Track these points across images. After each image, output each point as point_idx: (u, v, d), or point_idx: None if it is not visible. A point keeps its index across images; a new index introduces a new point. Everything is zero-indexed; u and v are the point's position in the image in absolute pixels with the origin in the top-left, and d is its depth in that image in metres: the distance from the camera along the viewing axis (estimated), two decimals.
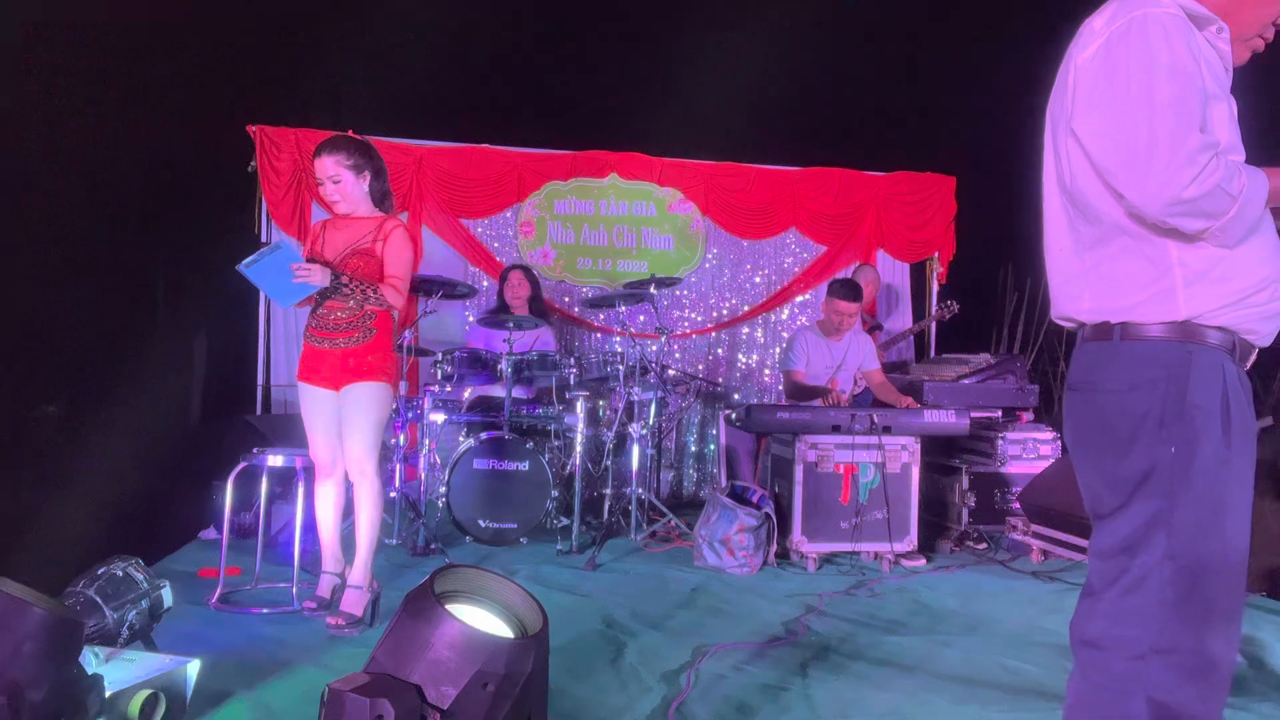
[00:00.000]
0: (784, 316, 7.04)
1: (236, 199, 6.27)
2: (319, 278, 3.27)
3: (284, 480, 4.61)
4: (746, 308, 6.98)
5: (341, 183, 3.44)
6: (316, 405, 3.48)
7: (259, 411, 6.20)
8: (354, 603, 3.38)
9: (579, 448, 5.00)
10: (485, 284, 6.56)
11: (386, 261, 3.48)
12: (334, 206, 3.50)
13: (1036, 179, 1.83)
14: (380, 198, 3.58)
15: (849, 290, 5.36)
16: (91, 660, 2.39)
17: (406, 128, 6.52)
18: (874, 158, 7.12)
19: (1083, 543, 4.37)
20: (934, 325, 6.91)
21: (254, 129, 6.18)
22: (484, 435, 4.92)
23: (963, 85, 6.88)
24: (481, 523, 4.82)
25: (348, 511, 3.53)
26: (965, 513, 5.09)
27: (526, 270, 5.97)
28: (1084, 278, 1.69)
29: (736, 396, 6.87)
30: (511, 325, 5.01)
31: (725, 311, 6.97)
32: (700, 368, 6.90)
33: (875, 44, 7.09)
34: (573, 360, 5.29)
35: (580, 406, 5.03)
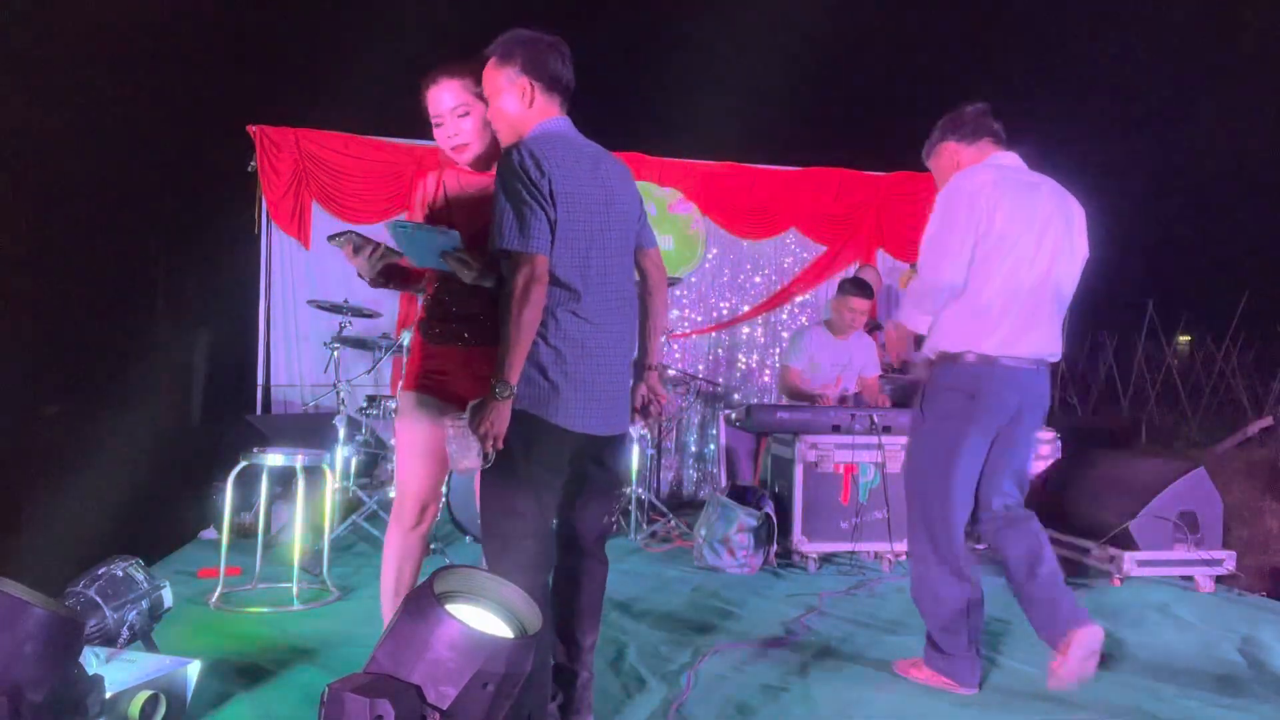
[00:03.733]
0: (784, 316, 7.04)
1: (236, 199, 6.27)
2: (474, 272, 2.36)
3: (284, 480, 4.60)
4: (746, 308, 6.98)
5: (471, 115, 2.50)
6: (435, 424, 2.51)
7: (259, 411, 6.20)
8: None
9: None
10: None
11: None
12: (459, 154, 2.55)
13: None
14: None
15: (863, 289, 5.32)
16: (92, 661, 2.39)
17: (406, 128, 6.52)
18: (874, 158, 7.12)
19: (1083, 543, 4.37)
20: None
21: (254, 129, 6.18)
22: None
23: (963, 85, 6.87)
24: None
25: (346, 515, 3.50)
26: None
27: None
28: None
29: (736, 396, 6.87)
30: None
31: (725, 311, 6.97)
32: (700, 368, 6.90)
33: (875, 44, 7.09)
34: None
35: None
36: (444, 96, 2.50)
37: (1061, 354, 2.88)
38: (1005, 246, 2.70)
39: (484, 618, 1.91)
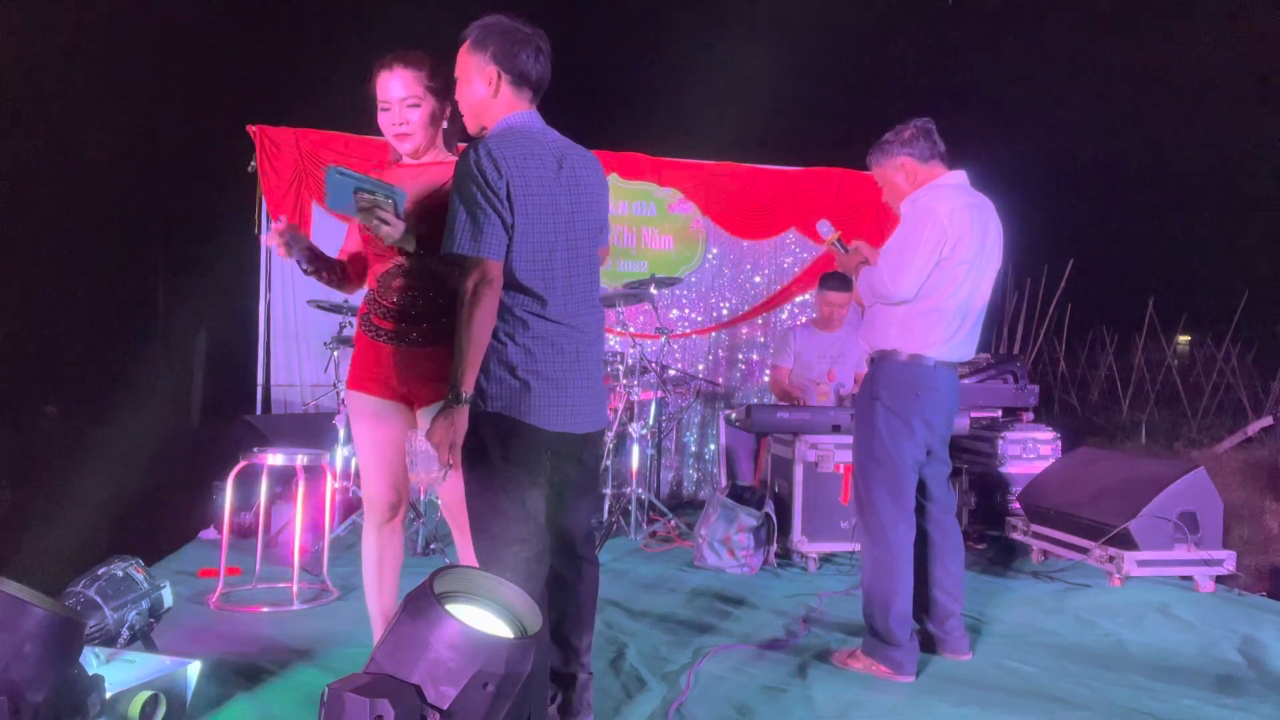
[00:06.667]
0: (784, 316, 7.04)
1: (236, 199, 6.27)
2: (394, 230, 2.34)
3: (284, 480, 4.61)
4: (746, 308, 6.97)
5: (421, 107, 2.50)
6: (381, 424, 2.58)
7: (259, 411, 6.20)
8: None
9: None
10: None
11: None
12: (400, 142, 2.55)
13: (1036, 179, 1.84)
14: (450, 140, 2.63)
15: (839, 281, 5.36)
16: (92, 661, 2.39)
17: None
18: None
19: (1083, 542, 4.37)
20: None
21: (254, 129, 6.18)
22: None
23: (962, 86, 6.88)
24: None
25: (346, 515, 3.52)
26: (965, 513, 5.09)
27: None
28: None
29: (736, 396, 6.87)
30: None
31: (725, 311, 6.97)
32: (700, 368, 6.90)
33: (875, 44, 7.10)
34: None
35: None
36: (395, 84, 2.47)
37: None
38: (963, 269, 3.02)
39: (484, 618, 1.91)
